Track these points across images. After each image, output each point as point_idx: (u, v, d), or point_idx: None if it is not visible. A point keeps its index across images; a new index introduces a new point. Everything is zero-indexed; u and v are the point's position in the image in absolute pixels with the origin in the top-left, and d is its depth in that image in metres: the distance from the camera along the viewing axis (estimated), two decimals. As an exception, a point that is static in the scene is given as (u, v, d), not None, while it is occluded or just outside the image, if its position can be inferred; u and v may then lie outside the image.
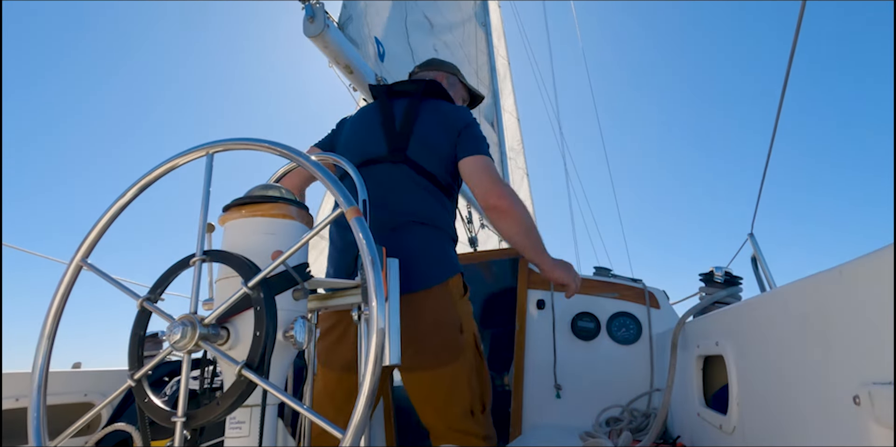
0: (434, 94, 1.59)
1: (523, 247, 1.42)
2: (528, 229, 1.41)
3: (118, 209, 0.88)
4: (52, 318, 0.83)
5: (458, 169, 1.49)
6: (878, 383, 0.54)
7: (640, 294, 2.44)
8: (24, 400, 1.89)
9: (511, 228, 1.41)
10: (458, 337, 1.34)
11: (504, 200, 1.39)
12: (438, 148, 1.47)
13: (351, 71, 2.22)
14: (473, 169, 1.44)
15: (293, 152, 0.84)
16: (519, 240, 1.41)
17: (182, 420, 0.71)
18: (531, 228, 1.41)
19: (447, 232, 1.45)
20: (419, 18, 3.23)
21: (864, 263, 0.58)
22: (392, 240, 1.35)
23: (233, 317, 0.78)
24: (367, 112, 1.60)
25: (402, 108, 1.54)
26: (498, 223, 1.42)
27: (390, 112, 1.54)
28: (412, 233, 1.39)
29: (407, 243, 1.36)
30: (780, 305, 0.84)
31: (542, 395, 2.38)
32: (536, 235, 1.42)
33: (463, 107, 1.61)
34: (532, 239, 1.41)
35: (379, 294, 0.70)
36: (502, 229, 1.43)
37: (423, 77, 1.73)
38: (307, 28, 2.01)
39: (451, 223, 1.49)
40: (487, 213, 1.44)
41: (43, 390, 0.80)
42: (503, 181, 1.45)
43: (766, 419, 0.93)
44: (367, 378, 0.66)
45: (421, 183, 1.44)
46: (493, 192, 1.40)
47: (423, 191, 1.44)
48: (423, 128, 1.49)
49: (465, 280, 1.46)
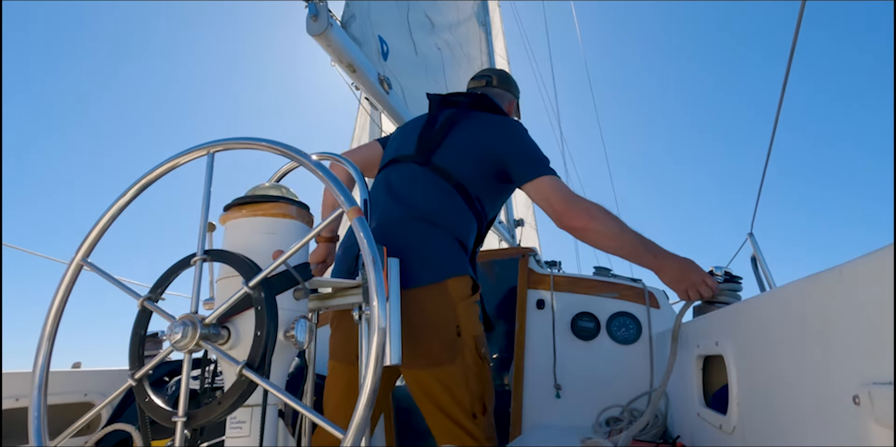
0: (481, 106, 1.60)
1: (625, 256, 1.36)
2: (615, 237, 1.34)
3: (118, 209, 0.88)
4: (52, 318, 0.83)
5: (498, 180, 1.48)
6: (878, 383, 0.54)
7: (640, 294, 2.44)
8: (24, 400, 1.89)
9: (600, 243, 1.36)
10: (455, 338, 1.33)
11: (577, 220, 1.35)
12: (471, 156, 1.46)
13: (354, 69, 2.22)
14: (539, 196, 1.42)
15: (294, 151, 0.84)
16: (616, 251, 1.35)
17: (183, 420, 0.71)
18: (620, 235, 1.34)
19: (454, 233, 1.41)
20: (421, 17, 3.23)
21: (864, 263, 0.58)
22: (395, 235, 1.34)
23: (234, 316, 0.78)
24: (417, 118, 1.66)
25: (445, 116, 1.56)
26: (586, 241, 1.39)
27: (435, 119, 1.57)
28: (416, 229, 1.37)
29: (408, 238, 1.35)
30: (780, 305, 0.84)
31: (542, 395, 2.38)
32: (630, 240, 1.35)
33: (511, 119, 1.58)
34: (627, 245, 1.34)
35: (380, 294, 0.70)
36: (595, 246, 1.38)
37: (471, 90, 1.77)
38: (310, 26, 2.02)
39: (464, 227, 1.45)
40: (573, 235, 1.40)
41: (43, 390, 0.80)
42: (574, 198, 1.39)
43: (766, 419, 0.93)
44: (368, 378, 0.67)
45: (440, 185, 1.43)
46: (566, 214, 1.37)
47: (441, 193, 1.42)
48: (459, 135, 1.50)
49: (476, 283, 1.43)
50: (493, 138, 1.48)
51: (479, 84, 1.80)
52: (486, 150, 1.47)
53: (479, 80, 1.82)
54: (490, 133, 1.50)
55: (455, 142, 1.49)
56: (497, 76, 1.82)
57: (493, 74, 1.83)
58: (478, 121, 1.54)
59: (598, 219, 1.35)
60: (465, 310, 1.36)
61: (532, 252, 2.66)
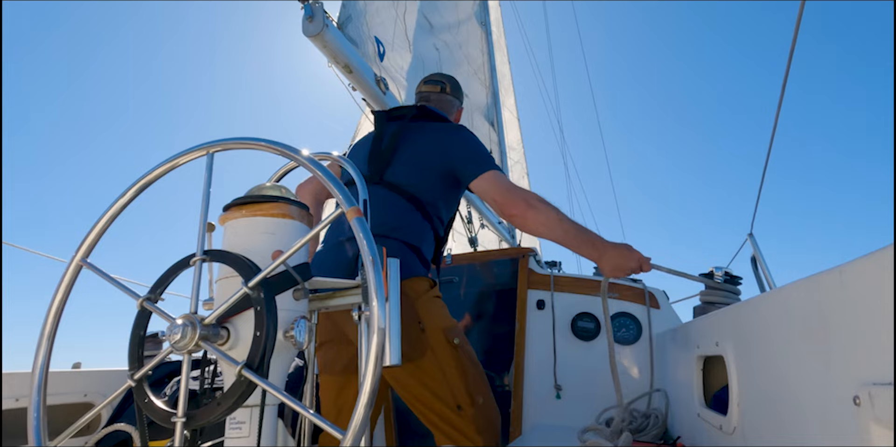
0: (424, 116, 1.65)
1: (564, 244, 1.40)
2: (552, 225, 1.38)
3: (118, 209, 0.88)
4: (52, 318, 0.83)
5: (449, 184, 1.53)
6: (878, 383, 0.54)
7: (640, 294, 2.44)
8: (24, 400, 1.89)
9: (538, 230, 1.40)
10: (420, 334, 1.35)
11: (516, 207, 1.39)
12: (422, 167, 1.52)
13: (350, 70, 2.22)
14: (483, 190, 1.47)
15: (293, 152, 0.84)
16: (554, 238, 1.39)
17: (182, 420, 0.71)
18: (558, 223, 1.38)
19: (407, 241, 1.46)
20: (419, 18, 3.23)
21: (864, 263, 0.58)
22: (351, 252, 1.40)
23: (233, 317, 0.78)
24: (366, 137, 1.70)
25: (391, 133, 1.60)
26: (526, 230, 1.43)
27: (381, 136, 1.61)
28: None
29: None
30: (780, 305, 0.84)
31: (542, 395, 2.38)
32: (568, 229, 1.38)
33: (457, 125, 1.66)
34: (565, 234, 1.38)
35: (380, 294, 0.70)
36: (534, 234, 1.43)
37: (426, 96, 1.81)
38: (306, 27, 2.02)
39: (417, 235, 1.49)
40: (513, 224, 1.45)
41: (43, 390, 0.80)
42: (513, 189, 1.45)
43: (766, 419, 0.93)
44: (367, 378, 0.66)
45: (393, 200, 1.48)
46: (506, 204, 1.41)
47: (394, 207, 1.48)
48: (407, 149, 1.55)
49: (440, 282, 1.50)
50: (442, 145, 1.54)
51: (434, 89, 1.83)
52: (436, 158, 1.52)
53: (434, 84, 1.85)
54: (439, 141, 1.55)
55: (404, 156, 1.55)
56: (449, 83, 1.87)
57: (446, 81, 1.87)
58: (425, 131, 1.59)
59: (536, 207, 1.39)
60: (424, 306, 1.39)
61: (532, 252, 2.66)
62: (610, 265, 1.39)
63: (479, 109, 4.50)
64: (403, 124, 1.61)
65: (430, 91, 1.83)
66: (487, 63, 4.87)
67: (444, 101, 1.81)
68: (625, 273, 1.40)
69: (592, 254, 1.39)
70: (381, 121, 1.67)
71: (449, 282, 2.76)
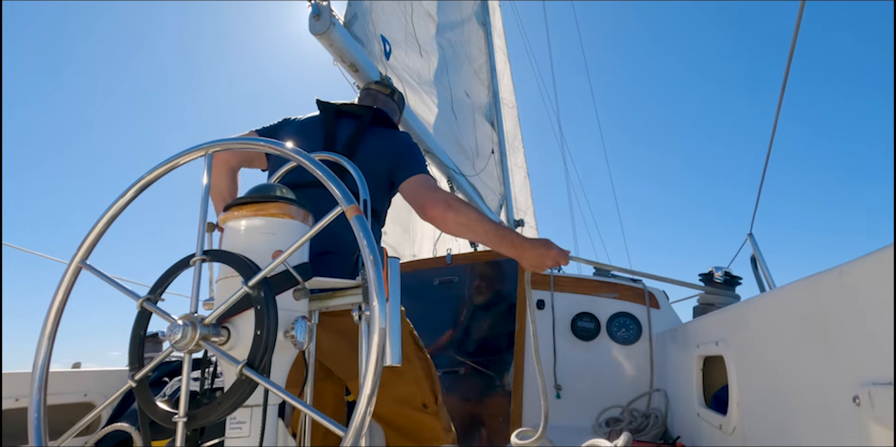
0: (380, 121, 1.62)
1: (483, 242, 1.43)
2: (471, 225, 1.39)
3: (118, 209, 0.88)
4: (52, 318, 0.83)
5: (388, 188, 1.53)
6: (878, 383, 0.54)
7: (640, 294, 2.44)
8: (24, 400, 1.89)
9: (456, 231, 1.41)
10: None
11: (435, 209, 1.40)
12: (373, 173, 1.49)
13: (356, 69, 2.22)
14: (409, 192, 1.48)
15: (293, 151, 0.84)
16: (473, 237, 1.43)
17: (184, 420, 0.71)
18: (477, 222, 1.39)
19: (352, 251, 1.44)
20: (422, 17, 3.23)
21: (864, 263, 0.58)
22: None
23: (233, 316, 0.78)
24: (311, 128, 1.57)
25: (347, 133, 1.54)
26: (445, 230, 1.44)
27: (333, 133, 1.54)
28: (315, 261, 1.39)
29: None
30: (780, 305, 0.84)
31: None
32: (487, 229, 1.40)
33: (403, 133, 1.66)
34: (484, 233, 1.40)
35: (380, 294, 0.70)
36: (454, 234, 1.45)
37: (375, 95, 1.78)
38: (313, 26, 2.02)
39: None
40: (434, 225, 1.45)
41: (43, 390, 0.80)
42: (436, 191, 1.45)
43: (766, 419, 0.93)
44: (367, 378, 0.66)
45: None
46: (426, 205, 1.41)
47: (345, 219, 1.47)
48: (364, 156, 1.51)
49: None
50: (393, 153, 1.53)
51: (385, 91, 1.81)
52: (385, 165, 1.52)
53: (386, 87, 1.83)
54: (391, 148, 1.54)
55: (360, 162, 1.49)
56: (398, 93, 1.86)
57: (396, 90, 1.86)
58: (379, 137, 1.57)
59: (455, 208, 1.40)
60: None
61: (532, 252, 2.66)
62: (528, 261, 1.44)
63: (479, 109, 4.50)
64: (360, 127, 1.56)
65: (380, 91, 1.80)
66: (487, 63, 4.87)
67: (391, 107, 1.79)
68: (543, 268, 1.45)
69: (511, 251, 1.43)
70: (331, 115, 1.58)
71: (449, 283, 2.76)
